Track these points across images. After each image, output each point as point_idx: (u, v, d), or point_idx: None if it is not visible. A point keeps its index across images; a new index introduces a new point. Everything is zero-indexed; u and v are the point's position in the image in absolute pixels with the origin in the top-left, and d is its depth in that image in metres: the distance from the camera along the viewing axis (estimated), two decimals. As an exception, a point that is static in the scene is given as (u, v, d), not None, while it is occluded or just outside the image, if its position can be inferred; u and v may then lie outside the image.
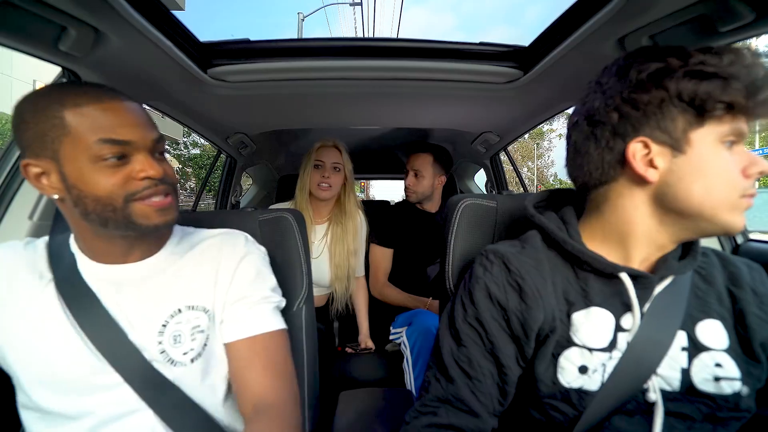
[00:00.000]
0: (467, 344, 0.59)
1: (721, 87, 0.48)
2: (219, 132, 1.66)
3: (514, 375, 0.58)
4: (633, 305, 0.56)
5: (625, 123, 0.53)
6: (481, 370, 0.58)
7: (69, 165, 0.56)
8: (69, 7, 0.66)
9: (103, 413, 0.61)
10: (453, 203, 0.87)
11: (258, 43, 1.02)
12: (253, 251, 0.74)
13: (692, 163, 0.51)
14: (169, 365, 0.64)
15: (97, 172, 0.56)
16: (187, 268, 0.69)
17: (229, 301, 0.69)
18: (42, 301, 0.62)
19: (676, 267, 0.57)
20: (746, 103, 0.48)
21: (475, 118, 1.58)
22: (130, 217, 0.58)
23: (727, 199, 0.51)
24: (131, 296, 0.64)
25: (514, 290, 0.58)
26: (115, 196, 0.57)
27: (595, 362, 0.55)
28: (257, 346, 0.67)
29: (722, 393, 0.53)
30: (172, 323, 0.65)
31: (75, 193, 0.56)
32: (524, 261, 0.59)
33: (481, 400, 0.57)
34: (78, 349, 0.61)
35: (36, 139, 0.56)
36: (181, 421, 0.63)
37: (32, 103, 0.57)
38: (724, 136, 0.51)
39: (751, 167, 0.51)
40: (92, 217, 0.58)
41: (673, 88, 0.50)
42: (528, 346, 0.57)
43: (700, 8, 0.67)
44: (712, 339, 0.56)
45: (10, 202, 0.85)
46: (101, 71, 0.88)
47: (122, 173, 0.57)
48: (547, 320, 0.57)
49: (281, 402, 0.65)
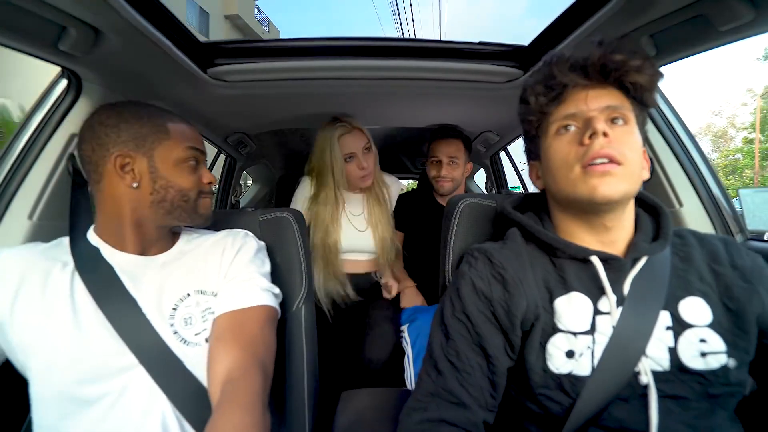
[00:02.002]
0: (455, 338, 0.61)
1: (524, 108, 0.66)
2: (218, 131, 1.66)
3: (503, 366, 0.60)
4: (605, 286, 0.58)
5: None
6: (469, 362, 0.59)
7: (161, 161, 0.70)
8: (69, 6, 0.66)
9: (115, 396, 0.63)
10: (453, 203, 0.87)
11: (258, 42, 1.02)
12: (250, 242, 0.81)
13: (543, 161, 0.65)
14: (182, 345, 0.67)
15: (183, 170, 0.72)
16: (196, 259, 0.76)
17: (224, 282, 0.74)
18: (64, 287, 0.66)
19: (646, 248, 0.59)
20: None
21: (475, 118, 1.58)
22: (197, 208, 0.75)
23: (566, 177, 0.59)
24: (146, 283, 0.70)
25: (498, 282, 0.61)
26: (193, 190, 0.73)
27: (580, 346, 0.57)
28: (234, 321, 0.69)
29: (710, 368, 0.54)
30: (182, 306, 0.70)
31: (161, 183, 0.70)
32: (506, 254, 0.64)
33: (470, 393, 0.58)
34: (98, 331, 0.64)
35: (137, 138, 0.69)
36: (191, 403, 0.65)
37: (135, 110, 0.71)
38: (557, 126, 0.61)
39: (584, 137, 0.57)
40: (164, 205, 0.71)
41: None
42: (514, 335, 0.60)
43: (699, 8, 0.67)
44: (695, 316, 0.57)
45: (10, 201, 0.85)
46: (101, 71, 0.88)
47: (197, 175, 0.75)
48: (530, 308, 0.59)
49: (248, 380, 0.62)
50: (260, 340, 0.69)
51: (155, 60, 0.88)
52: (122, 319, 0.65)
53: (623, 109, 0.58)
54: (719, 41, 0.71)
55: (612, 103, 0.57)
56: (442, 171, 1.58)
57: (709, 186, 0.97)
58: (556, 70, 0.59)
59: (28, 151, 0.86)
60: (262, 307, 0.72)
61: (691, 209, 0.97)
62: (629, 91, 0.58)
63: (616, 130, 0.56)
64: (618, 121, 0.58)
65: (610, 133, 0.55)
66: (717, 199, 0.96)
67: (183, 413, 0.64)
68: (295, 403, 0.84)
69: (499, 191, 2.20)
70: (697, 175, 0.98)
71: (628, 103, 0.59)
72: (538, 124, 0.64)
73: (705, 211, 0.97)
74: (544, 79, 0.61)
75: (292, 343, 0.87)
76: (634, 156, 0.57)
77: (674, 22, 0.71)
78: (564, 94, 0.60)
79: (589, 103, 0.58)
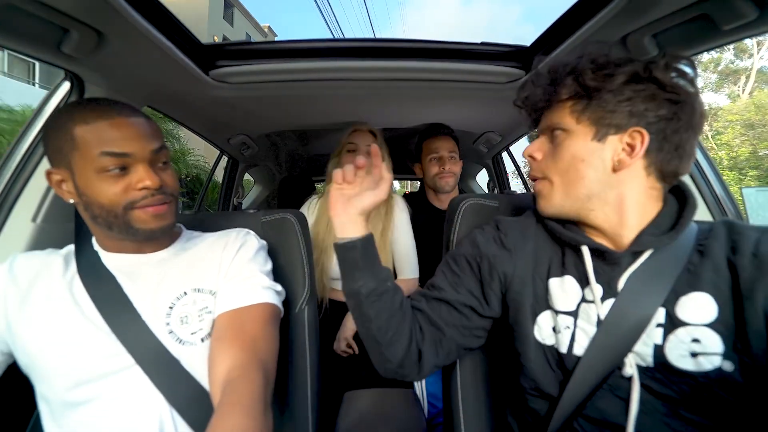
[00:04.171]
0: (438, 273, 0.73)
1: None
2: (220, 133, 1.66)
3: (467, 304, 0.68)
4: (589, 276, 0.60)
5: None
6: (439, 289, 0.70)
7: (79, 174, 0.63)
8: (71, 9, 0.66)
9: (113, 396, 0.63)
10: (455, 203, 0.87)
11: (259, 44, 1.03)
12: (251, 240, 0.80)
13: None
14: (177, 344, 0.67)
15: (102, 182, 0.63)
16: (195, 257, 0.75)
17: (224, 281, 0.73)
18: (67, 292, 0.67)
19: (651, 241, 0.57)
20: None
21: (477, 118, 1.58)
22: (130, 223, 0.65)
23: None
24: (142, 282, 0.70)
25: (496, 242, 0.70)
26: (116, 204, 0.64)
27: (560, 323, 0.61)
28: (236, 320, 0.68)
29: (702, 370, 0.52)
30: (178, 305, 0.69)
31: (84, 200, 0.64)
32: (513, 225, 0.71)
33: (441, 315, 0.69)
34: (96, 333, 0.64)
35: (55, 151, 0.64)
36: (189, 403, 0.65)
37: (53, 119, 0.66)
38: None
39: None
40: (99, 221, 0.66)
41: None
42: (490, 288, 0.68)
43: (702, 7, 0.66)
44: (694, 313, 0.54)
45: (14, 204, 0.85)
46: (103, 73, 0.88)
47: (123, 183, 0.64)
48: (517, 276, 0.66)
49: (249, 379, 0.61)
50: (261, 339, 0.68)
51: (157, 62, 0.88)
52: (119, 321, 0.65)
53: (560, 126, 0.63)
54: (722, 40, 0.71)
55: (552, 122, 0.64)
56: (445, 166, 1.54)
57: (711, 184, 0.97)
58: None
59: (32, 153, 0.86)
60: (264, 304, 0.71)
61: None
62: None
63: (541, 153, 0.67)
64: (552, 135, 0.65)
65: (537, 157, 0.66)
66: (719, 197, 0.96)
67: (180, 413, 0.64)
68: (298, 403, 0.84)
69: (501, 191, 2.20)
70: (699, 172, 0.98)
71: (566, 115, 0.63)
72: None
73: (708, 209, 0.97)
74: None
75: (296, 344, 0.87)
76: (563, 170, 0.61)
77: (677, 22, 0.71)
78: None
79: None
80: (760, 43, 16.38)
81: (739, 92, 17.11)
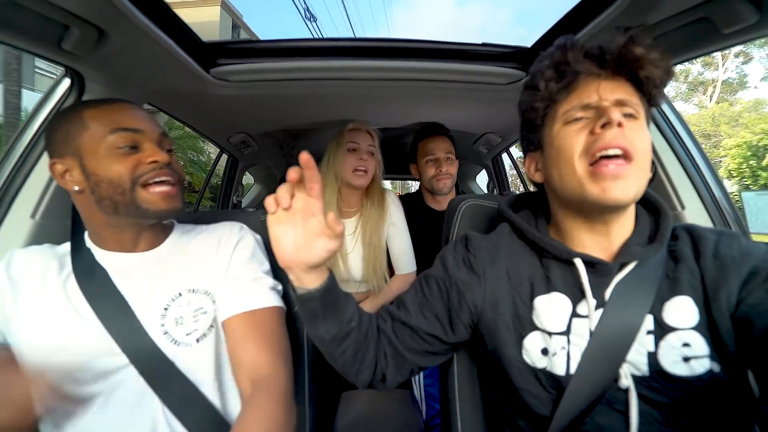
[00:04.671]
0: (410, 290, 0.70)
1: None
2: (221, 131, 1.66)
3: (432, 330, 0.66)
4: (585, 290, 0.58)
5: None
6: (406, 311, 0.67)
7: (88, 156, 0.65)
8: (73, 6, 0.66)
9: (107, 395, 0.63)
10: (454, 204, 0.87)
11: (260, 42, 1.03)
12: (247, 236, 0.80)
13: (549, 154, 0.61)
14: (172, 345, 0.67)
15: (111, 159, 0.65)
16: (189, 256, 0.75)
17: (226, 281, 0.73)
18: (61, 289, 0.67)
19: (637, 252, 0.57)
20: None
21: (477, 119, 1.58)
22: (137, 202, 0.66)
23: (572, 173, 0.56)
24: (137, 282, 0.70)
25: (465, 266, 0.67)
26: (125, 179, 0.65)
27: (554, 345, 0.58)
28: (251, 322, 0.69)
29: (696, 374, 0.52)
30: (173, 306, 0.69)
31: (93, 180, 0.65)
32: (482, 244, 0.68)
33: (403, 317, 0.67)
34: (90, 332, 0.64)
35: (62, 139, 0.66)
36: (183, 403, 0.65)
37: (60, 113, 0.69)
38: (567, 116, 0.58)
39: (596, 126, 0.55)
40: (105, 203, 0.66)
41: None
42: (457, 317, 0.65)
43: (702, 10, 0.66)
44: (680, 318, 0.54)
45: (13, 200, 0.85)
46: (104, 70, 0.88)
47: (133, 159, 0.66)
48: (489, 302, 0.63)
49: (276, 375, 0.66)
50: (279, 340, 0.71)
51: (158, 59, 0.88)
52: (114, 320, 0.65)
53: (634, 104, 0.56)
54: (722, 44, 0.71)
55: (624, 97, 0.55)
56: (442, 168, 1.52)
57: (711, 188, 0.97)
58: (570, 56, 0.57)
59: (31, 150, 0.86)
60: (275, 308, 0.73)
61: (693, 212, 0.96)
62: (640, 86, 0.57)
63: (628, 124, 0.54)
64: (629, 116, 0.56)
65: (625, 124, 0.53)
66: (719, 201, 0.96)
67: (174, 413, 0.64)
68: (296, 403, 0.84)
69: (501, 192, 2.20)
70: (699, 177, 0.98)
71: (637, 98, 0.57)
72: (545, 113, 0.61)
73: (707, 213, 0.97)
74: (556, 64, 0.58)
75: (293, 343, 0.87)
76: (645, 152, 0.55)
77: (677, 25, 0.71)
78: (575, 82, 0.58)
79: (602, 93, 0.55)
80: (724, 56, 17.66)
81: (707, 102, 18.09)
